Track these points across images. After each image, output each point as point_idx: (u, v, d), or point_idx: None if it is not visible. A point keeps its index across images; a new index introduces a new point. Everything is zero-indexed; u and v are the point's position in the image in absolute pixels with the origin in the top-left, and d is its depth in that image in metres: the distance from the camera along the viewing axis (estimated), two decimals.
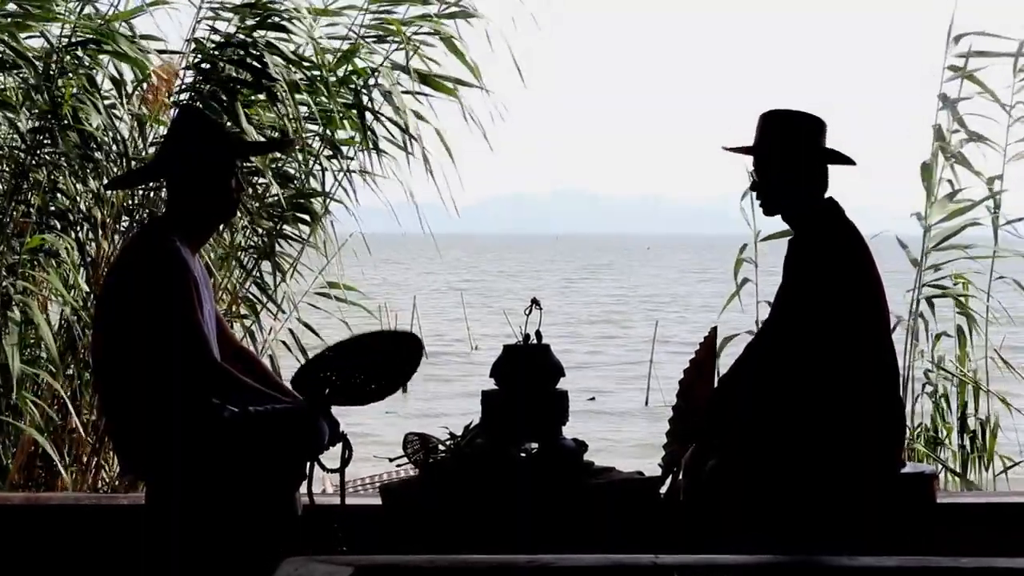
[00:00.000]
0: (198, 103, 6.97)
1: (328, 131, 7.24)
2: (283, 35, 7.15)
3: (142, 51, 7.08)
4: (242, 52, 7.07)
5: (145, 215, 7.00)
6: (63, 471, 6.57)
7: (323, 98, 7.17)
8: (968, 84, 7.91)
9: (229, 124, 6.74)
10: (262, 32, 7.13)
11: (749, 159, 4.56)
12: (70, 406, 6.66)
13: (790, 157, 4.43)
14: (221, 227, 6.45)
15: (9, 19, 6.90)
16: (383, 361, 4.47)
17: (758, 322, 7.51)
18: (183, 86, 7.16)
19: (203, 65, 7.16)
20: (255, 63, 7.01)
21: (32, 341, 6.84)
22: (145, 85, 7.18)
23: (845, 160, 4.46)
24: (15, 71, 6.98)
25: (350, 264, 7.52)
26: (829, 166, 4.48)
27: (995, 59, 7.88)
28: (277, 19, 7.13)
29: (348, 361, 4.43)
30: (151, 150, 7.04)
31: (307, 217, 7.33)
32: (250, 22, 7.15)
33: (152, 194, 7.07)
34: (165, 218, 4.45)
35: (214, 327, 4.39)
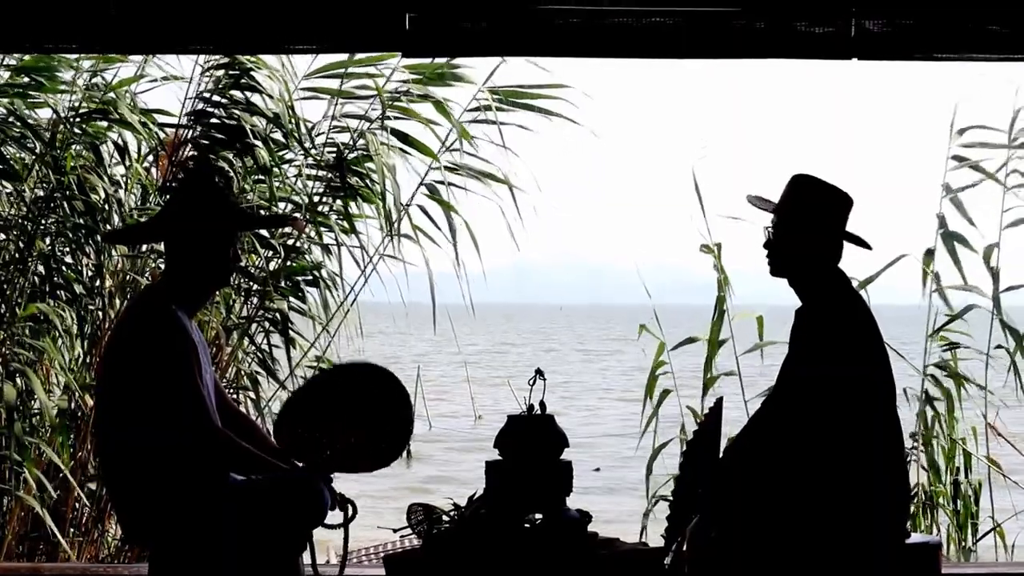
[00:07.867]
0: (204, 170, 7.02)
1: (343, 204, 7.30)
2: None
3: (144, 121, 7.15)
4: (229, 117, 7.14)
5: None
6: (62, 541, 6.55)
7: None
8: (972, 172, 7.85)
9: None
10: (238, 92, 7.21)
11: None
12: (70, 478, 6.63)
13: (815, 227, 4.42)
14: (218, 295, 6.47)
15: (18, 90, 6.99)
16: (370, 413, 4.47)
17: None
18: (185, 157, 7.21)
19: (201, 139, 7.22)
20: (236, 122, 7.08)
21: (34, 412, 6.84)
22: (152, 156, 7.24)
23: (863, 244, 4.50)
24: (23, 140, 7.05)
25: (346, 335, 7.51)
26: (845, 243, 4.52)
27: (995, 151, 7.80)
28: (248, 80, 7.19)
29: (334, 419, 4.46)
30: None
31: (312, 290, 7.36)
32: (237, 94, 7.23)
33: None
34: (162, 284, 4.44)
35: (213, 392, 4.39)
